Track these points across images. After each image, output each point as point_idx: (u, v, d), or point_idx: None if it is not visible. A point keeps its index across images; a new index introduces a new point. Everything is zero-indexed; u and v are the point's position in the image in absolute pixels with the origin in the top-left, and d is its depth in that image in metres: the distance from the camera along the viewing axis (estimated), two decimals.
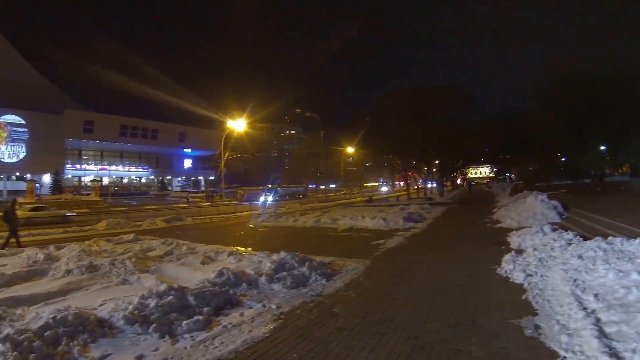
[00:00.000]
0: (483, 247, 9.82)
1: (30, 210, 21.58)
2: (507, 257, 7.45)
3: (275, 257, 7.59)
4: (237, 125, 38.29)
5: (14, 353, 3.81)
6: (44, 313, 5.03)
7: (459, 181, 75.98)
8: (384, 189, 74.57)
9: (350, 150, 49.86)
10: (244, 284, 6.54)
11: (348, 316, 5.13)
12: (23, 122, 54.62)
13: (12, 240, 12.85)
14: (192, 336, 4.62)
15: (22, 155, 55.14)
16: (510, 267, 6.88)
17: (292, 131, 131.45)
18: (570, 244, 7.71)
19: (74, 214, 22.56)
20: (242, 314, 5.30)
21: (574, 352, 3.55)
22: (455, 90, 39.30)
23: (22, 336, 4.13)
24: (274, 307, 5.56)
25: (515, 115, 41.63)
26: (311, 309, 5.50)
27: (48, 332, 4.38)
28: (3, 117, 53.32)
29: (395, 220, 15.38)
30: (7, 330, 4.32)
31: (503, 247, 9.27)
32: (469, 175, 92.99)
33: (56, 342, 4.31)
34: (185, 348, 4.29)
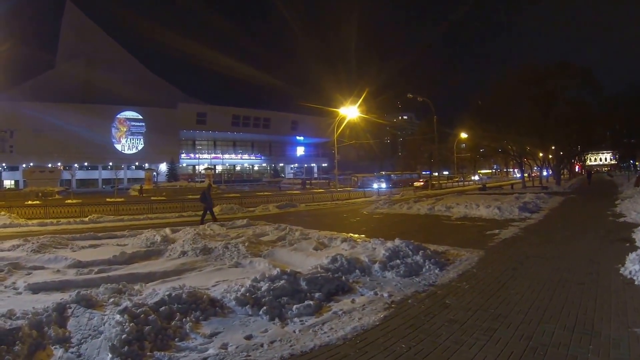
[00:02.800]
0: (605, 243, 10.59)
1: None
2: (632, 256, 7.73)
3: (389, 244, 8.68)
4: (350, 112, 45.16)
5: (131, 324, 4.87)
6: (160, 290, 6.28)
7: (576, 169, 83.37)
8: (474, 177, 78.59)
9: (463, 135, 56.10)
10: (357, 270, 7.52)
11: (460, 309, 5.71)
12: (140, 117, 74.55)
13: (207, 217, 18.35)
14: (301, 320, 5.42)
15: (140, 146, 74.75)
16: (635, 268, 7.17)
17: (404, 117, 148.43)
18: None
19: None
20: (353, 301, 6.09)
21: None
22: (572, 67, 41.21)
23: (139, 309, 5.24)
24: (385, 295, 6.34)
25: None
26: (423, 299, 6.24)
27: (163, 308, 5.45)
28: (122, 113, 72.99)
29: (510, 210, 17.39)
30: (126, 303, 5.57)
31: (627, 245, 9.83)
32: (588, 163, 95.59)
33: (170, 317, 5.35)
34: (294, 332, 5.04)
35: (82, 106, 69.54)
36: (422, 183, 56.51)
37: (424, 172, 71.75)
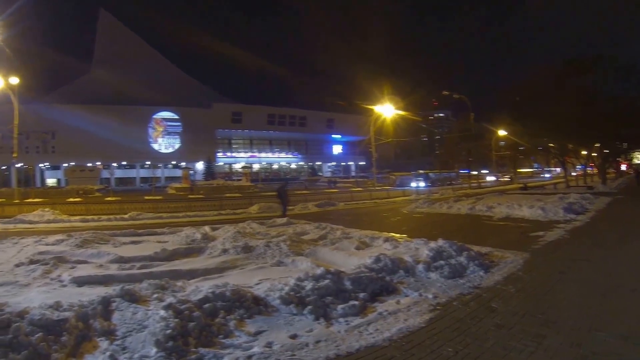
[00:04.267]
0: None
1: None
2: None
3: (433, 244, 8.76)
4: (386, 109, 45.58)
5: (176, 320, 5.02)
6: (204, 287, 6.45)
7: (623, 167, 79.52)
8: (499, 178, 76.25)
9: (502, 133, 55.44)
10: (401, 271, 7.60)
11: (507, 313, 5.68)
12: (176, 117, 77.04)
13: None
14: (346, 321, 5.49)
15: (177, 146, 76.95)
16: None
17: (441, 114, 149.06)
18: None
19: None
20: (398, 302, 6.16)
21: None
22: (610, 59, 39.68)
23: (183, 306, 5.40)
24: (430, 296, 6.41)
25: None
26: (468, 301, 6.26)
27: (207, 305, 5.59)
28: (158, 114, 75.53)
29: (555, 211, 17.21)
30: (170, 299, 5.76)
31: None
32: (635, 161, 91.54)
33: (214, 314, 5.48)
34: (339, 332, 5.13)
35: (119, 108, 72.33)
36: (506, 178, 55.81)
37: (461, 171, 71.90)
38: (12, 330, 4.88)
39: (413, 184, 50.01)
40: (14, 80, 32.44)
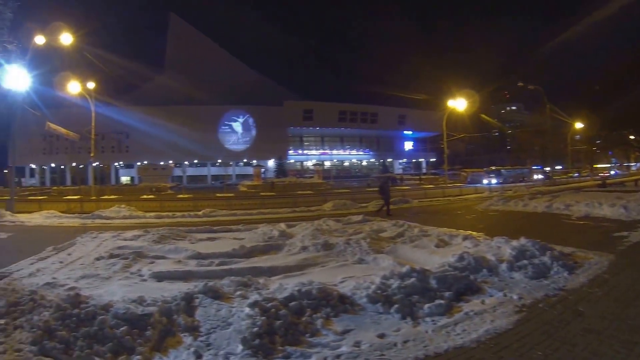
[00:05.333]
0: None
1: None
2: None
3: (515, 243, 8.63)
4: (458, 104, 44.51)
5: (262, 318, 5.07)
6: (288, 285, 6.50)
7: None
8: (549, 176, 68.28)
9: (578, 125, 53.42)
10: (484, 270, 7.51)
11: (595, 317, 5.52)
12: (247, 115, 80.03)
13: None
14: (433, 320, 5.49)
15: (248, 143, 79.55)
16: None
17: (513, 108, 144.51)
18: None
19: None
20: (483, 302, 6.13)
21: None
22: None
23: (270, 304, 5.46)
24: (515, 297, 6.30)
25: None
26: (554, 303, 6.12)
27: (293, 303, 5.61)
28: (230, 112, 78.65)
29: (638, 210, 16.19)
30: (255, 297, 5.86)
31: None
32: None
33: (300, 312, 5.49)
34: (426, 332, 5.13)
35: (190, 108, 75.94)
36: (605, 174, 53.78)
37: (534, 167, 69.66)
38: (97, 322, 5.09)
39: (485, 181, 48.99)
40: (91, 85, 34.92)
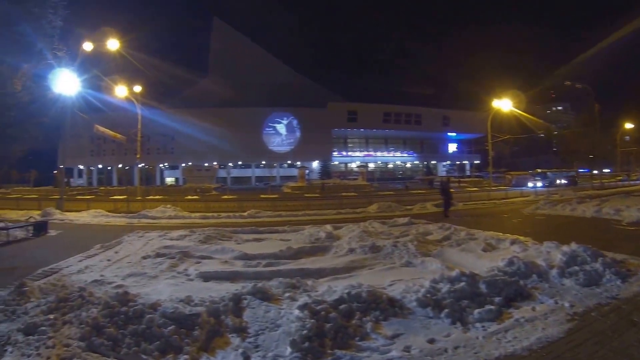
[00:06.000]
0: None
1: None
2: None
3: (565, 248, 8.38)
4: (503, 105, 43.92)
5: (312, 320, 5.07)
6: (337, 287, 6.51)
7: None
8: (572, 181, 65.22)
9: (628, 126, 52.85)
10: (534, 275, 7.35)
11: None
12: (291, 117, 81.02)
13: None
14: (483, 326, 5.43)
15: (292, 145, 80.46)
16: None
17: (559, 108, 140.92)
18: None
19: None
20: (533, 309, 5.98)
21: None
22: None
23: (319, 306, 5.47)
24: (567, 305, 6.14)
25: None
26: (607, 313, 5.95)
27: (343, 306, 5.60)
28: (274, 114, 79.86)
29: None
30: (305, 299, 5.89)
31: None
32: None
33: (349, 315, 5.47)
34: (477, 338, 5.08)
35: (234, 110, 77.09)
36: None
37: (580, 170, 67.54)
38: (145, 321, 5.22)
39: (530, 184, 48.40)
40: (137, 88, 36.20)
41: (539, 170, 58.74)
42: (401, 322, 5.58)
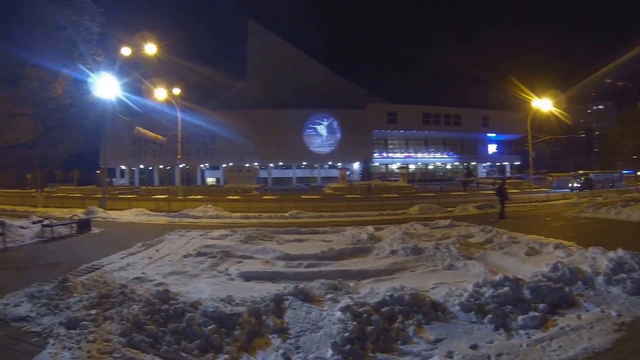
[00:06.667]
0: None
1: None
2: None
3: (612, 254, 8.07)
4: (542, 104, 42.62)
5: (354, 322, 5.03)
6: (380, 289, 6.45)
7: None
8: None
9: None
10: (579, 282, 7.09)
11: None
12: (332, 118, 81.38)
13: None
14: (527, 333, 5.28)
15: (333, 146, 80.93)
16: None
17: (600, 106, 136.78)
18: None
19: None
20: (579, 317, 5.78)
21: None
22: None
23: (362, 309, 5.43)
24: (613, 313, 5.91)
25: None
26: None
27: (385, 308, 5.54)
28: (314, 116, 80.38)
29: None
30: (347, 301, 5.83)
31: None
32: None
33: (392, 318, 5.42)
34: (520, 345, 4.93)
35: (274, 111, 78.34)
36: None
37: (624, 172, 64.01)
38: (185, 319, 5.29)
39: (571, 186, 47.39)
40: (176, 90, 37.13)
41: (581, 172, 56.66)
42: (444, 326, 5.51)
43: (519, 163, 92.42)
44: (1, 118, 16.06)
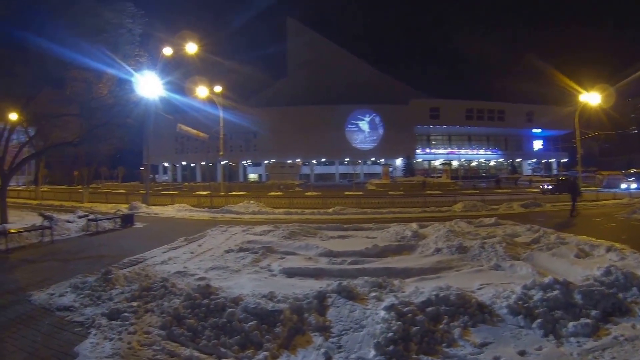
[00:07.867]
0: None
1: None
2: None
3: None
4: (591, 99, 40.56)
5: (398, 322, 4.93)
6: (425, 289, 6.33)
7: None
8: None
9: None
10: (634, 288, 6.60)
11: None
12: (374, 114, 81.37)
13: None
14: (578, 341, 5.04)
15: (375, 142, 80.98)
16: None
17: None
18: None
19: None
20: (633, 326, 5.40)
21: None
22: None
23: (406, 308, 5.32)
24: None
25: None
26: None
27: (430, 308, 5.42)
28: (356, 111, 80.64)
29: None
30: (391, 299, 5.73)
31: None
32: None
33: (437, 319, 5.30)
34: (571, 354, 4.71)
35: (316, 108, 78.63)
36: None
37: None
38: (226, 314, 5.32)
39: (623, 185, 44.82)
40: (218, 88, 37.72)
41: (634, 170, 53.96)
42: (490, 329, 5.32)
43: (566, 160, 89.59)
44: (49, 118, 16.76)
